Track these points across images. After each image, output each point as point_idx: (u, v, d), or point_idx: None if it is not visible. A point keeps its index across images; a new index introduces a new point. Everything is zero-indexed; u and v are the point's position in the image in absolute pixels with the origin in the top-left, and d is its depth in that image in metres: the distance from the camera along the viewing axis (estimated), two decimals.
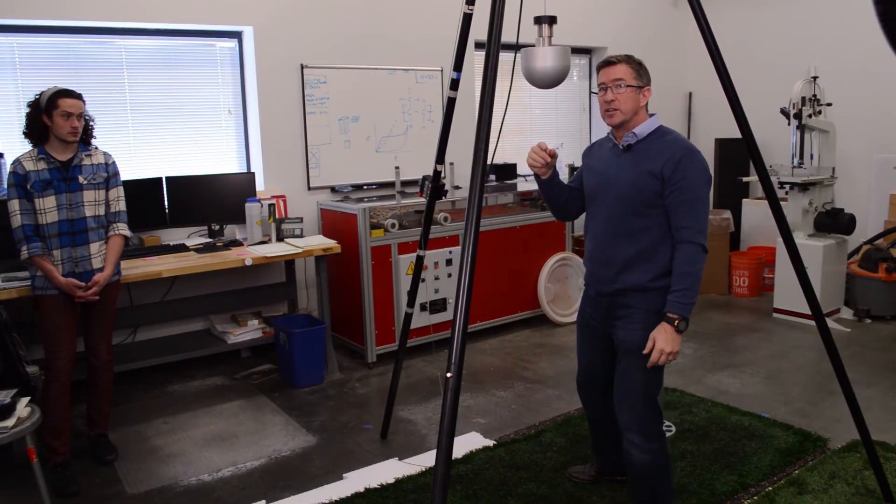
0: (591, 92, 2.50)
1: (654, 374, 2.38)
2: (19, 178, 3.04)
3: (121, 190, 3.28)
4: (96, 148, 3.24)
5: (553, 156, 2.42)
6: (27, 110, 3.10)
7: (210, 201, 4.45)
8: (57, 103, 3.01)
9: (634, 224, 2.32)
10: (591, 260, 2.48)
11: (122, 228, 3.28)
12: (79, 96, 3.08)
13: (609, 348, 2.53)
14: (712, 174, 6.90)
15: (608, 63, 2.33)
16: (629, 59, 2.33)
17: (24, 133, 3.12)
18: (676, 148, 2.29)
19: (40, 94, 3.08)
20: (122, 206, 3.28)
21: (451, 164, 4.86)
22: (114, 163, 3.27)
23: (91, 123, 3.20)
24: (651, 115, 2.38)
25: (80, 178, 3.13)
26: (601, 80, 2.35)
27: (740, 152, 6.25)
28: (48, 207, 3.06)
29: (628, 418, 2.40)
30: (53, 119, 3.02)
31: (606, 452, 2.83)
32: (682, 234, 2.27)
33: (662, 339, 2.22)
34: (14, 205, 3.04)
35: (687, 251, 2.26)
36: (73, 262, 3.12)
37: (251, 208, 4.36)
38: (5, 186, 3.85)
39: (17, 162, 3.07)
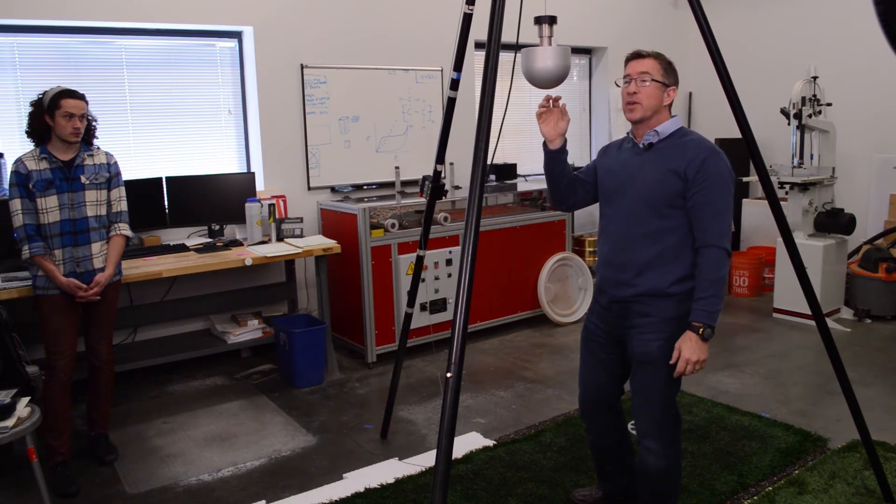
0: (615, 84, 2.45)
1: (672, 382, 2.30)
2: (21, 177, 3.03)
3: (122, 190, 3.28)
4: (98, 148, 3.24)
5: (556, 101, 2.33)
6: (30, 109, 3.09)
7: (210, 201, 4.45)
8: (59, 104, 3.00)
9: (654, 225, 2.24)
10: (606, 264, 2.38)
11: (124, 228, 3.28)
12: (81, 97, 3.08)
13: (619, 360, 2.44)
14: None
15: (637, 56, 2.28)
16: (659, 56, 2.28)
17: (26, 132, 3.11)
18: (701, 148, 2.22)
19: (43, 94, 3.07)
20: (123, 206, 3.28)
21: (451, 164, 4.86)
22: (116, 163, 3.27)
23: (94, 123, 3.19)
24: (673, 116, 2.32)
25: (83, 178, 3.13)
26: (627, 71, 2.29)
27: (740, 152, 6.25)
28: (50, 207, 3.05)
29: (646, 424, 2.35)
30: (55, 119, 3.01)
31: (612, 477, 2.70)
32: (705, 237, 2.19)
33: (688, 349, 2.15)
34: (16, 204, 3.03)
35: (711, 256, 2.17)
36: (75, 262, 3.11)
37: (251, 208, 4.36)
38: (5, 186, 3.85)
39: (19, 161, 3.06)
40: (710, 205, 2.18)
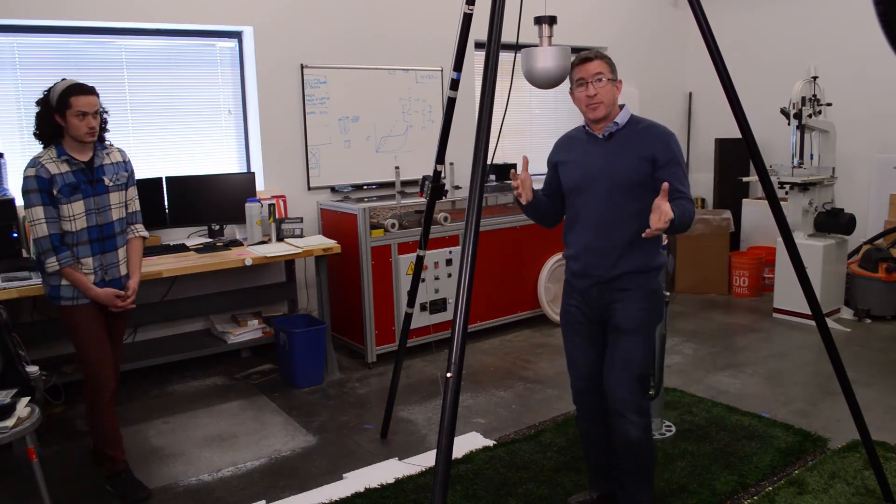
0: (568, 90, 2.56)
1: (650, 351, 2.49)
2: (44, 182, 2.75)
3: (136, 189, 3.09)
4: (111, 144, 3.02)
5: (516, 177, 2.48)
6: (37, 109, 2.85)
7: (210, 201, 4.45)
8: (70, 102, 2.75)
9: (630, 207, 2.40)
10: (586, 251, 2.48)
11: (141, 230, 3.11)
12: (92, 90, 2.83)
13: (602, 338, 2.54)
14: (711, 174, 6.85)
15: (586, 59, 2.41)
16: (602, 56, 2.43)
17: (35, 134, 2.87)
18: (659, 132, 2.44)
19: (49, 91, 2.83)
20: (137, 205, 3.09)
21: (451, 164, 4.86)
22: (130, 160, 3.07)
23: (105, 117, 2.96)
24: (622, 105, 2.48)
25: (106, 180, 2.91)
26: (579, 76, 2.41)
27: (740, 152, 6.26)
28: (77, 213, 2.82)
29: (625, 396, 2.44)
30: (67, 119, 2.77)
31: (603, 468, 2.73)
32: (680, 195, 2.36)
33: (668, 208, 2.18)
34: (38, 212, 2.76)
35: (686, 202, 2.35)
36: (104, 269, 2.93)
37: (251, 208, 4.36)
38: (6, 186, 3.84)
39: (38, 165, 2.77)
40: (679, 174, 2.40)
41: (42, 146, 2.88)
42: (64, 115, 2.77)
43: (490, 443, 3.37)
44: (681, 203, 2.31)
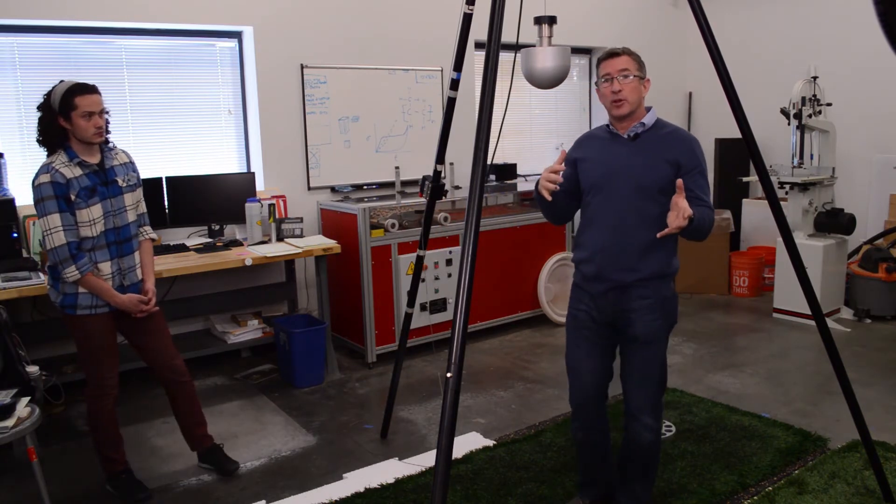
0: (594, 84, 2.53)
1: (665, 359, 2.49)
2: (62, 188, 2.67)
3: (142, 191, 3.01)
4: (115, 146, 2.96)
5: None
6: (38, 114, 2.74)
7: (210, 201, 4.45)
8: (74, 103, 2.67)
9: (651, 210, 2.34)
10: (602, 251, 2.41)
11: (150, 231, 3.06)
12: (94, 89, 2.76)
13: (611, 344, 2.50)
14: (712, 174, 6.86)
15: (613, 54, 2.35)
16: (630, 52, 2.38)
17: (38, 141, 2.77)
18: (685, 137, 2.43)
19: (50, 93, 2.74)
20: (144, 207, 3.03)
21: (451, 164, 4.86)
22: (134, 161, 3.02)
23: (107, 117, 2.84)
24: (649, 108, 2.44)
25: (119, 181, 2.86)
26: (605, 71, 2.35)
27: (740, 152, 6.26)
28: (96, 217, 2.76)
29: (644, 402, 2.45)
30: (73, 121, 2.68)
31: (598, 477, 2.71)
32: (701, 202, 2.35)
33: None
34: (55, 220, 2.67)
35: (707, 211, 2.35)
36: (122, 274, 2.88)
37: (251, 208, 4.36)
38: (6, 186, 3.84)
39: (52, 170, 2.68)
40: (701, 181, 2.39)
41: (46, 153, 2.79)
42: (69, 117, 2.69)
43: (490, 443, 3.37)
44: (701, 209, 2.28)
